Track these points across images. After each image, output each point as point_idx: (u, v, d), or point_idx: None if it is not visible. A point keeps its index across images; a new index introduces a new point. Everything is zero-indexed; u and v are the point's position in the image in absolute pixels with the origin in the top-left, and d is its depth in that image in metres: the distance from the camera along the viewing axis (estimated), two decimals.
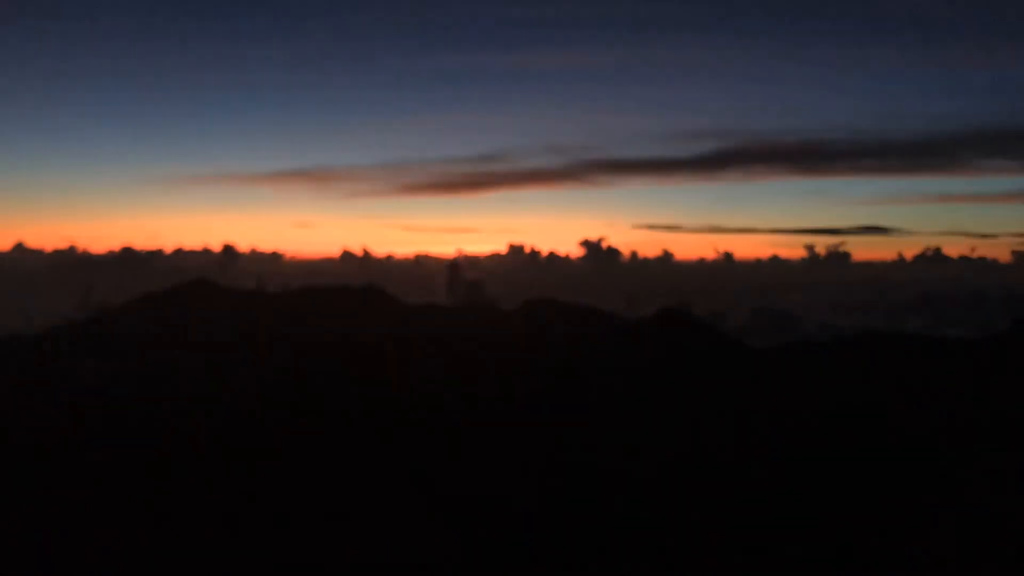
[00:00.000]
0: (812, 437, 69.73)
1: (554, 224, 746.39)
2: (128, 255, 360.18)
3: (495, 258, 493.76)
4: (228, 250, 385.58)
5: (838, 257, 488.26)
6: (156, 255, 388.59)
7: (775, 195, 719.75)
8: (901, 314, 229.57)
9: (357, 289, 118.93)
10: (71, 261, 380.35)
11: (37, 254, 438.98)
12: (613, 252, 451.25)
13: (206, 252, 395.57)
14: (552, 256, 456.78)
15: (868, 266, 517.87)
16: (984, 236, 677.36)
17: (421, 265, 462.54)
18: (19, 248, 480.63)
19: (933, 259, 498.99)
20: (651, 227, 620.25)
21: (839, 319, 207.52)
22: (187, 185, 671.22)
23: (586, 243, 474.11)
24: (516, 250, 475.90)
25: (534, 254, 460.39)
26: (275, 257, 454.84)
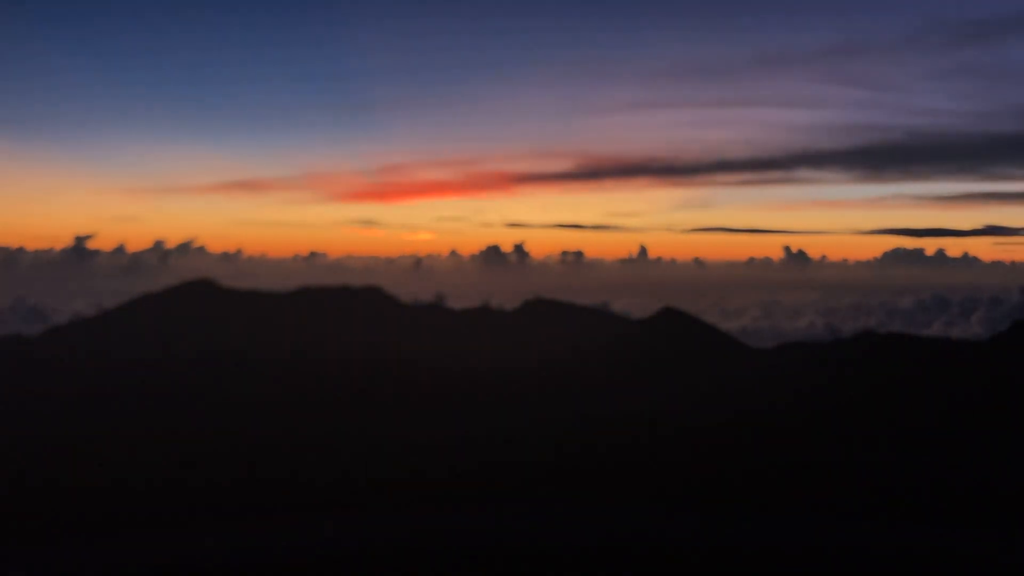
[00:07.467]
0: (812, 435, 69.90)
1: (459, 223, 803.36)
2: (84, 252, 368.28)
3: (457, 258, 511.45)
4: (185, 247, 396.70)
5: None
6: (112, 254, 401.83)
7: (647, 202, 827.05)
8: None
9: (357, 289, 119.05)
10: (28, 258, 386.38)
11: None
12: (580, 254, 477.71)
13: (162, 249, 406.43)
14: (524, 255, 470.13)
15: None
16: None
17: (391, 264, 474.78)
18: None
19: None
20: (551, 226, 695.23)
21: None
22: (140, 193, 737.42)
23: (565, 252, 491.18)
24: (491, 251, 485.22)
25: (504, 255, 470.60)
26: (236, 255, 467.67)
